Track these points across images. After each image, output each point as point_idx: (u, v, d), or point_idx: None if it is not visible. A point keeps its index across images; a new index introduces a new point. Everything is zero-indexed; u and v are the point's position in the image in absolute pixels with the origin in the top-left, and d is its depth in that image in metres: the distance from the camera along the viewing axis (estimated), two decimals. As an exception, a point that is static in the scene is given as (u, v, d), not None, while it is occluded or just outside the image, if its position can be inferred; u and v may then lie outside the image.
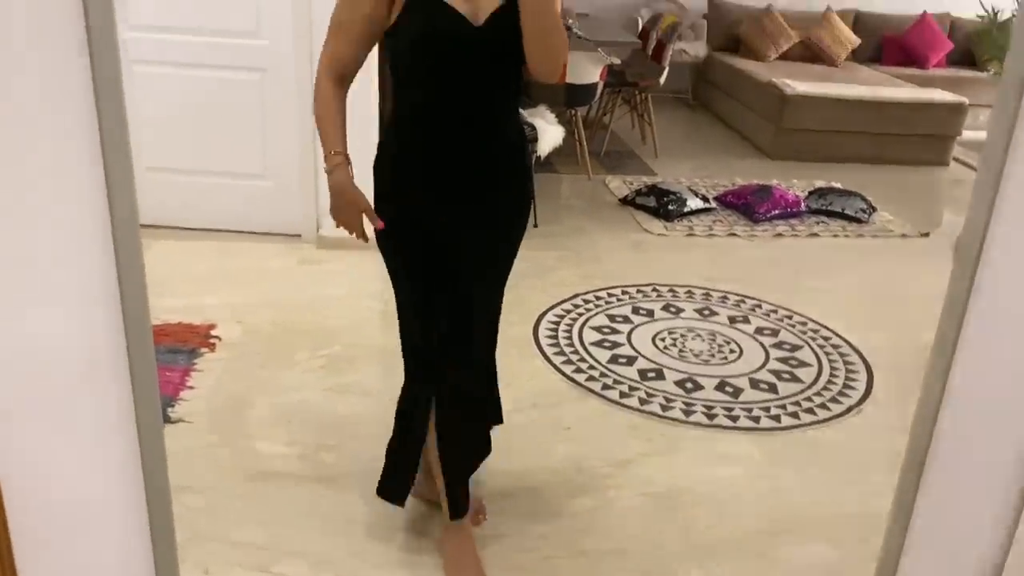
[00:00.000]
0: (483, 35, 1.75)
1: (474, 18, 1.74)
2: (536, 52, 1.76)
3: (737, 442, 2.70)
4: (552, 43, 1.76)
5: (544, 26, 1.72)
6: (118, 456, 1.27)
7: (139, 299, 1.17)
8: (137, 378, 1.22)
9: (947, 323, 1.41)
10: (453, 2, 1.73)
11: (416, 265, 1.94)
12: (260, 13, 3.76)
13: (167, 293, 3.44)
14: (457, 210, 1.90)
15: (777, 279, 4.00)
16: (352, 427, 2.62)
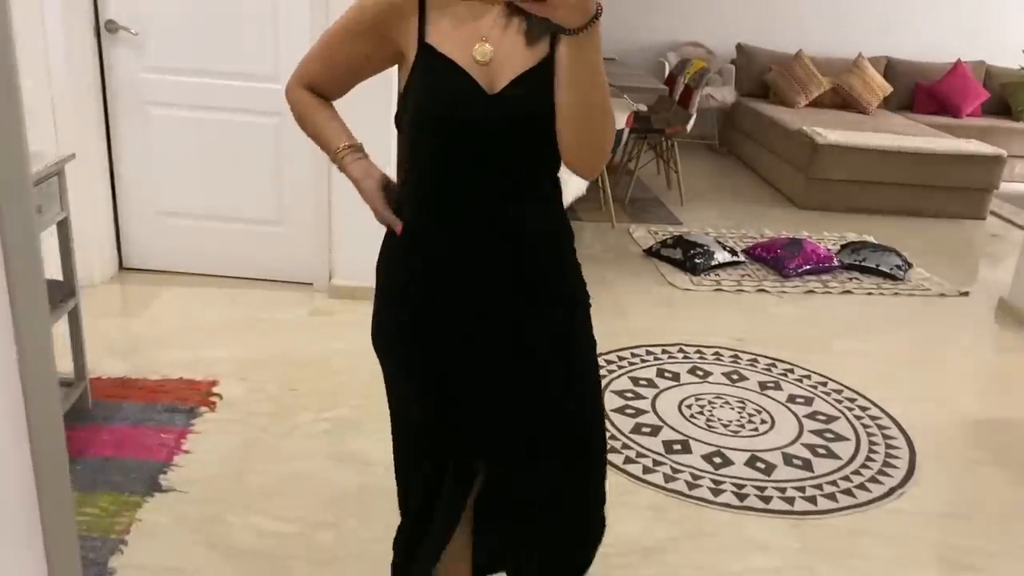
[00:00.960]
0: (499, 107, 1.38)
1: (491, 84, 1.39)
2: (572, 137, 1.35)
3: (770, 527, 2.49)
4: (595, 128, 1.34)
5: (587, 102, 1.31)
6: None
7: (54, 435, 0.94)
8: (52, 537, 0.97)
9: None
10: (464, 62, 1.39)
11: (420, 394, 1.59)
12: (278, 57, 3.66)
13: (173, 345, 3.30)
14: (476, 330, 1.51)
15: (809, 340, 3.80)
16: (352, 503, 2.44)
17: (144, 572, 2.12)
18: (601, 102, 1.33)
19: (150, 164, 3.86)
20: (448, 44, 1.40)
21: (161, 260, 4.00)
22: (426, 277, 1.50)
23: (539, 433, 1.57)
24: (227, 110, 3.76)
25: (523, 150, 1.43)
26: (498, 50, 1.39)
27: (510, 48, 1.40)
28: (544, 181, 1.50)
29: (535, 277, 1.51)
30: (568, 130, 1.35)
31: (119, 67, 3.74)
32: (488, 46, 1.39)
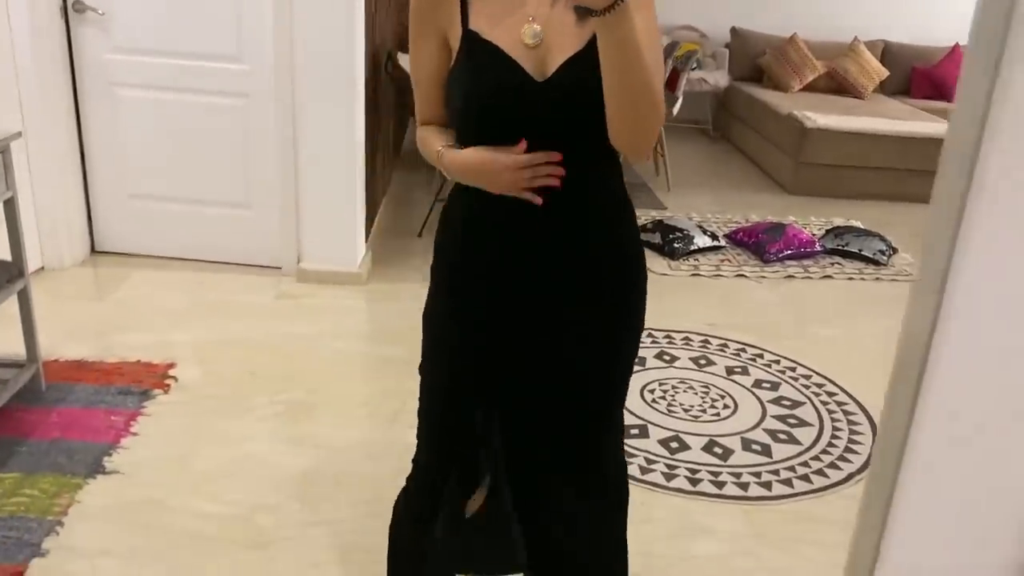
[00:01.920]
0: (549, 92, 1.31)
1: (540, 69, 1.32)
2: (617, 118, 1.28)
3: (721, 512, 2.45)
4: (638, 109, 1.26)
5: (628, 83, 1.24)
6: None
7: None
8: None
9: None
10: (511, 46, 1.32)
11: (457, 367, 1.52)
12: (241, 38, 3.62)
13: (136, 328, 3.28)
14: (529, 315, 1.45)
15: (784, 325, 3.75)
16: (297, 486, 2.41)
17: (76, 554, 2.10)
18: (641, 84, 1.24)
19: (120, 146, 3.83)
20: (493, 28, 1.34)
21: (132, 243, 3.98)
22: (482, 254, 1.46)
23: (558, 393, 1.51)
24: (194, 91, 3.72)
25: (575, 136, 1.36)
26: (547, 30, 1.33)
27: (560, 27, 1.32)
28: (604, 164, 1.43)
29: (583, 261, 1.44)
30: (611, 112, 1.28)
31: (86, 48, 3.71)
32: (537, 26, 1.33)
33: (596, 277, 1.46)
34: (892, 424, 1.26)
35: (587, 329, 1.48)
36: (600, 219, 1.44)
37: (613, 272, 1.48)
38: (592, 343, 1.49)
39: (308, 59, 3.51)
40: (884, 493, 1.28)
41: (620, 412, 1.61)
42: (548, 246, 1.42)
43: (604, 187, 1.44)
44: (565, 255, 1.42)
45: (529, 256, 1.42)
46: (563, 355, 1.48)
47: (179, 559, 2.11)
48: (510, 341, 1.47)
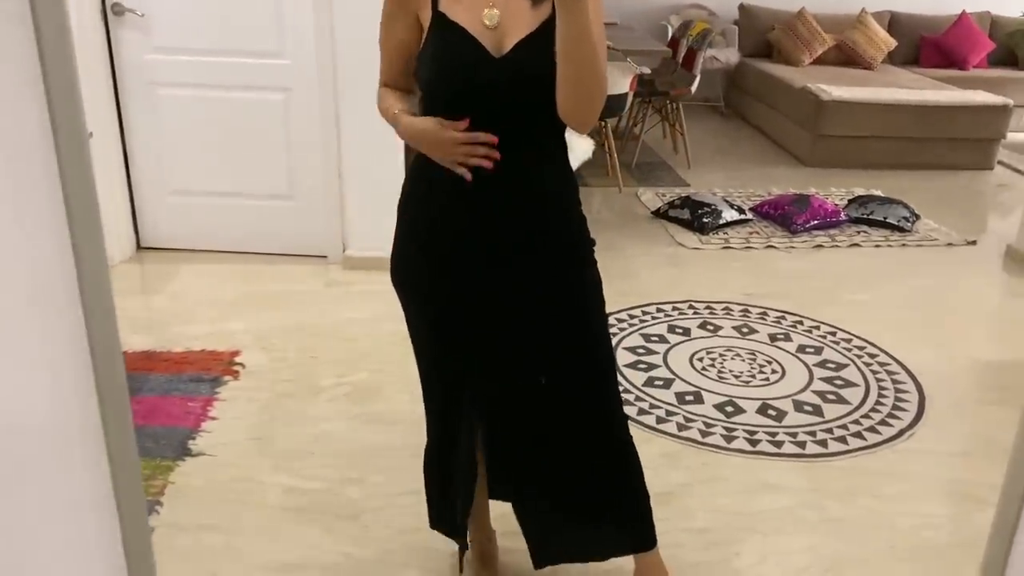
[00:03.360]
0: (505, 68, 1.49)
1: (497, 47, 1.50)
2: (565, 90, 1.45)
3: (782, 470, 2.56)
4: (583, 82, 1.43)
5: (578, 58, 1.40)
6: (97, 547, 1.10)
7: (113, 361, 1.01)
8: (116, 457, 1.05)
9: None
10: (473, 27, 1.50)
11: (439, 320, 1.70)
12: (283, 33, 3.71)
13: (192, 319, 3.39)
14: (487, 273, 1.63)
15: (818, 293, 3.85)
16: (377, 459, 2.52)
17: (180, 529, 2.21)
18: (591, 62, 1.42)
19: (162, 144, 3.92)
20: (459, 11, 1.51)
21: (177, 239, 4.07)
22: (441, 220, 1.62)
23: (547, 356, 1.68)
24: (235, 88, 3.81)
25: (529, 109, 1.53)
26: (505, 14, 1.50)
27: (516, 12, 1.51)
28: (549, 138, 1.61)
29: (537, 223, 1.63)
30: (561, 85, 1.45)
31: (126, 49, 3.80)
32: (495, 11, 1.50)
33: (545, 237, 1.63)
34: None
35: (545, 284, 1.65)
36: (549, 185, 1.63)
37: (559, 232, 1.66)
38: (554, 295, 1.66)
39: (349, 50, 3.59)
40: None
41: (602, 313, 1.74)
42: (502, 210, 1.59)
43: (552, 157, 1.63)
44: (518, 218, 1.60)
45: (485, 221, 1.59)
46: (531, 314, 1.66)
47: (279, 530, 2.22)
48: (481, 301, 1.65)
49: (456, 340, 1.69)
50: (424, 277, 1.68)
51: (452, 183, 1.58)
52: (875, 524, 2.34)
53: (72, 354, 0.99)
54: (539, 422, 1.72)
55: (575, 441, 1.74)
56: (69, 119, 0.93)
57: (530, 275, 1.64)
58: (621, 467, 1.79)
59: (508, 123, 1.53)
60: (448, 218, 1.62)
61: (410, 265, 1.69)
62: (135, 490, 1.09)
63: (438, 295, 1.67)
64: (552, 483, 1.78)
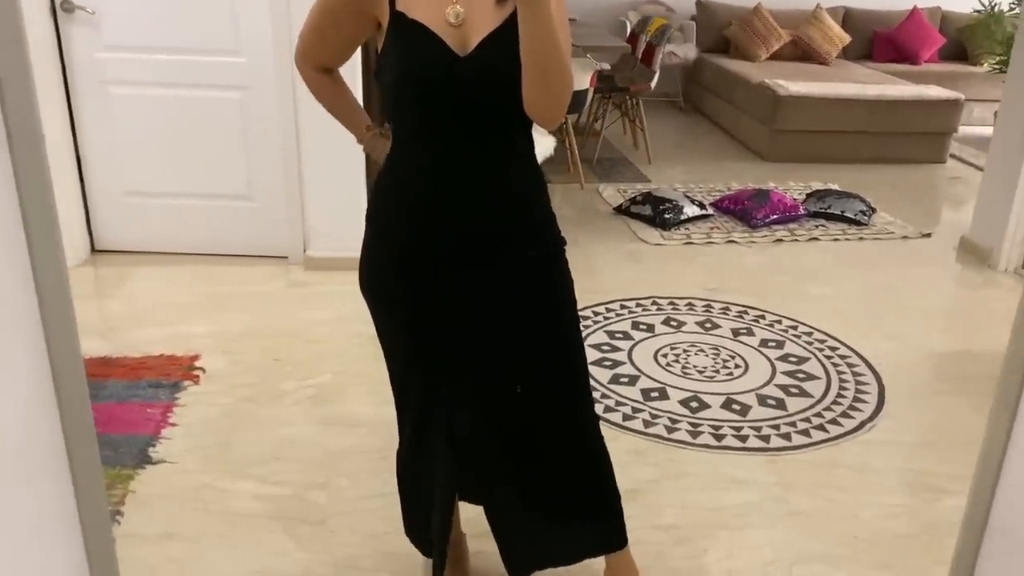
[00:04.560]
0: (470, 67, 1.46)
1: (462, 45, 1.46)
2: (531, 88, 1.42)
3: (748, 464, 2.58)
4: (550, 82, 1.41)
5: (543, 55, 1.38)
6: (61, 560, 1.07)
7: (75, 375, 0.98)
8: (79, 471, 1.03)
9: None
10: (436, 25, 1.46)
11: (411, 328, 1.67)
12: (238, 30, 3.64)
13: (151, 323, 3.32)
14: (458, 274, 1.60)
15: (779, 287, 3.89)
16: (343, 463, 2.49)
17: (141, 539, 2.16)
18: (556, 58, 1.39)
19: (116, 145, 3.83)
20: (418, 9, 1.46)
21: (132, 241, 3.99)
22: (410, 220, 1.59)
23: (521, 357, 1.66)
24: (190, 86, 3.74)
25: (496, 106, 1.50)
26: (468, 11, 1.46)
27: (479, 9, 1.47)
28: (518, 135, 1.58)
29: (509, 221, 1.60)
30: (526, 82, 1.42)
31: (77, 47, 3.70)
32: (459, 7, 1.46)
33: (516, 236, 1.61)
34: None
35: (518, 283, 1.63)
36: (519, 182, 1.60)
37: (530, 231, 1.64)
38: (528, 296, 1.64)
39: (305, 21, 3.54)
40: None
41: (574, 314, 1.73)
42: (472, 209, 1.56)
43: (521, 155, 1.60)
44: (489, 216, 1.58)
45: (455, 221, 1.56)
46: (505, 314, 1.64)
47: (243, 537, 2.18)
48: (451, 305, 1.62)
49: (429, 343, 1.67)
50: (395, 281, 1.64)
51: (422, 184, 1.56)
52: (839, 516, 2.37)
53: (32, 366, 0.96)
54: (512, 424, 1.71)
55: (548, 442, 1.73)
56: (24, 123, 0.90)
57: (502, 274, 1.62)
58: (594, 468, 1.79)
59: (476, 121, 1.51)
60: (417, 220, 1.58)
61: (380, 270, 1.66)
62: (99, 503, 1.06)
63: (410, 298, 1.64)
64: (525, 485, 1.76)
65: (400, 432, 1.83)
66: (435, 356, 1.67)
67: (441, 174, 1.55)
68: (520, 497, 1.76)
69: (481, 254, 1.59)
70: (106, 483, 2.29)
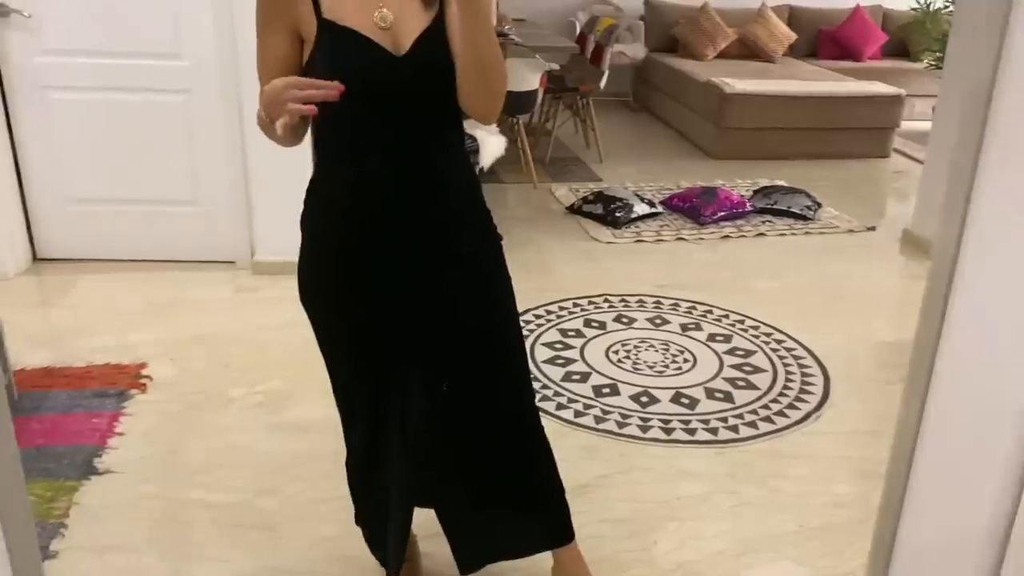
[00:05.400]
0: (407, 66, 1.48)
1: (395, 46, 1.48)
2: (468, 85, 1.48)
3: (697, 457, 2.61)
4: (488, 77, 1.48)
5: (481, 51, 1.44)
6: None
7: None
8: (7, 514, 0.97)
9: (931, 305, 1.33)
10: (366, 29, 1.46)
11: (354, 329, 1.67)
12: (180, 33, 3.59)
13: (96, 331, 3.26)
14: (394, 272, 1.60)
15: (727, 282, 3.95)
16: (293, 468, 2.47)
17: (86, 552, 2.12)
18: (492, 52, 1.45)
19: (56, 151, 3.76)
20: (347, 15, 1.47)
21: (76, 248, 3.91)
22: (345, 219, 1.58)
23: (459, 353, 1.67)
24: (132, 90, 3.68)
25: (431, 104, 1.54)
26: (396, 14, 1.48)
27: (407, 10, 1.49)
28: (451, 131, 1.61)
29: (447, 217, 1.62)
30: (464, 80, 1.48)
31: (13, 52, 3.62)
32: (387, 11, 1.48)
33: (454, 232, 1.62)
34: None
35: (457, 279, 1.64)
36: (456, 176, 1.63)
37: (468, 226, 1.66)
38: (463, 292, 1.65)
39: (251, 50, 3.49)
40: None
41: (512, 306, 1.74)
42: (410, 204, 1.56)
43: (456, 150, 1.64)
44: (427, 210, 1.58)
45: (392, 217, 1.56)
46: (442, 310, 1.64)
47: (191, 546, 2.16)
48: (391, 306, 1.62)
49: (372, 344, 1.66)
50: (333, 284, 1.63)
51: (352, 187, 1.56)
52: (786, 505, 2.41)
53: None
54: (456, 420, 1.71)
55: (489, 437, 1.74)
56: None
57: (438, 270, 1.62)
58: (535, 463, 1.80)
59: (414, 118, 1.53)
60: (353, 219, 1.58)
61: (319, 274, 1.64)
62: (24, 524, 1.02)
63: (349, 301, 1.63)
64: (471, 481, 1.78)
65: (348, 442, 1.82)
66: (379, 356, 1.67)
67: (373, 174, 1.55)
68: (468, 494, 1.77)
69: (416, 251, 1.60)
70: (49, 496, 2.26)
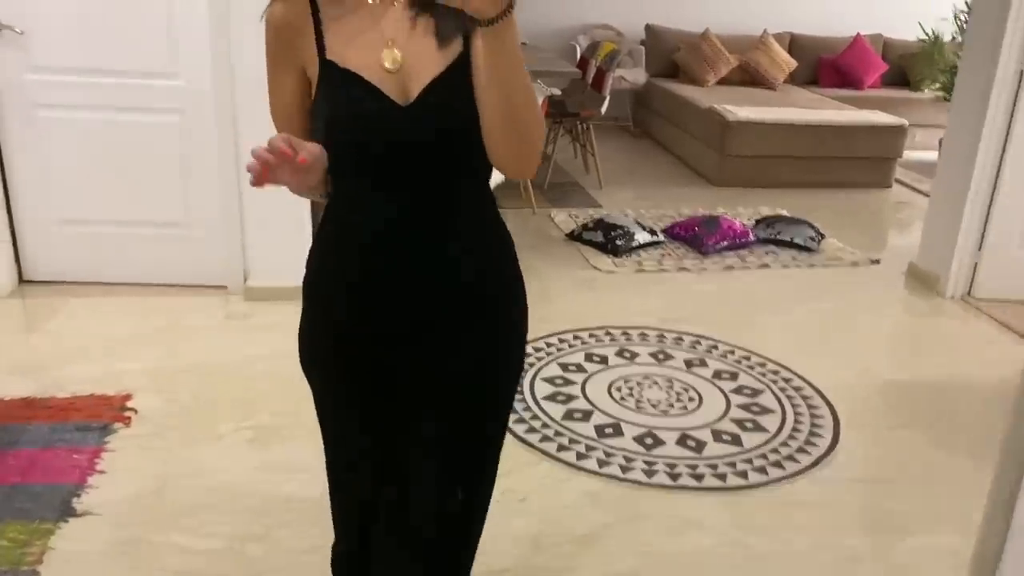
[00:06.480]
0: (414, 117, 1.26)
1: (402, 93, 1.26)
2: (497, 138, 1.24)
3: (704, 505, 2.51)
4: (522, 127, 1.24)
5: (511, 99, 1.20)
6: None
7: None
8: None
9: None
10: (371, 72, 1.26)
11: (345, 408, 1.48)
12: (175, 52, 3.50)
13: (81, 359, 3.14)
14: (398, 353, 1.38)
15: (731, 316, 3.86)
16: (281, 512, 2.36)
17: (60, 604, 2.01)
18: (525, 98, 1.22)
19: (45, 170, 3.65)
20: (351, 56, 1.28)
21: (64, 270, 3.80)
22: (346, 293, 1.39)
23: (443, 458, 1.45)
24: (125, 110, 3.58)
25: (446, 159, 1.31)
26: (407, 55, 1.27)
27: (420, 51, 1.28)
28: (473, 189, 1.38)
29: (463, 292, 1.38)
30: (495, 131, 1.24)
31: (5, 68, 3.53)
32: (397, 52, 1.27)
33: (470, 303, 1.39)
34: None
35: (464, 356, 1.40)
36: (472, 241, 1.37)
37: (488, 299, 1.41)
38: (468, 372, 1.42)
39: (247, 69, 3.41)
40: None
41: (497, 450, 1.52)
42: (420, 272, 1.34)
43: (475, 209, 1.38)
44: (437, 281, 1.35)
45: (401, 290, 1.35)
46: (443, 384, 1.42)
47: (173, 599, 2.04)
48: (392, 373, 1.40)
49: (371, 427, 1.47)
50: (332, 360, 1.44)
51: (357, 252, 1.36)
52: (798, 559, 2.31)
53: None
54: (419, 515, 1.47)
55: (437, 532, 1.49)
56: None
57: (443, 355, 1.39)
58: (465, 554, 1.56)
59: (424, 178, 1.31)
60: (354, 293, 1.38)
61: (316, 348, 1.46)
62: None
63: (348, 379, 1.44)
64: None
65: (336, 524, 1.63)
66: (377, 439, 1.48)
67: (380, 239, 1.34)
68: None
69: (424, 331, 1.37)
70: (23, 540, 2.15)
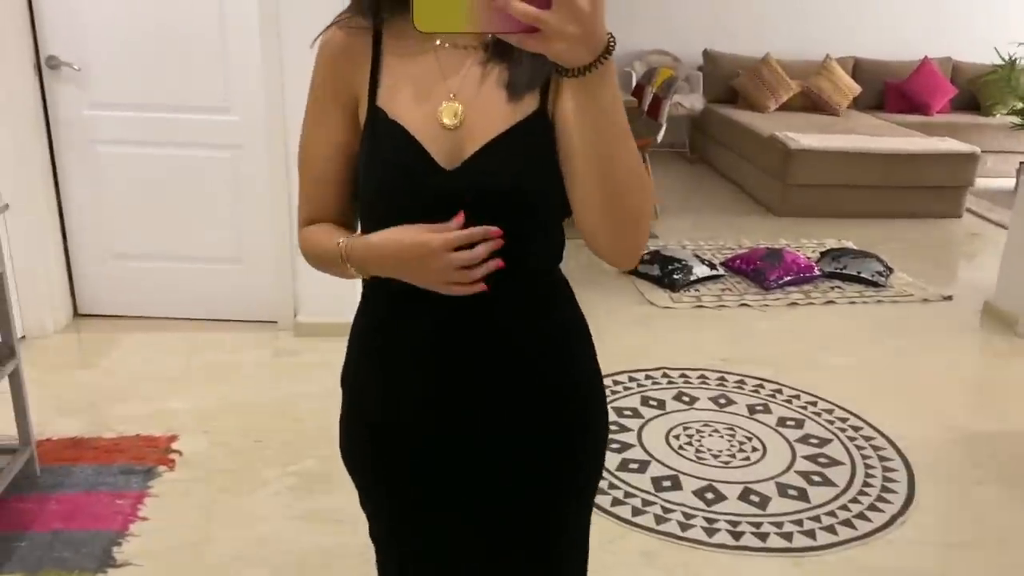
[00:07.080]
0: (457, 183, 1.07)
1: (454, 152, 1.07)
2: (593, 214, 1.02)
3: (769, 568, 2.35)
4: (624, 200, 1.00)
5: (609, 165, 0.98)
6: None
7: None
8: None
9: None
10: (423, 127, 1.08)
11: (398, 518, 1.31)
12: (229, 88, 3.49)
13: (131, 397, 3.12)
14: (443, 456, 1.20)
15: (795, 356, 3.68)
16: (323, 567, 2.27)
17: (95, 664, 1.94)
18: (628, 171, 0.98)
19: (101, 205, 3.68)
20: (403, 104, 1.11)
21: (117, 305, 3.81)
22: (384, 387, 1.21)
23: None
24: (179, 145, 3.58)
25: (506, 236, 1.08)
26: (470, 109, 1.09)
27: (486, 104, 1.09)
28: (536, 271, 1.17)
29: (519, 387, 1.17)
30: (587, 208, 1.02)
31: (63, 105, 3.56)
32: (458, 104, 1.09)
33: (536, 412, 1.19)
34: None
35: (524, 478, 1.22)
36: (538, 336, 1.18)
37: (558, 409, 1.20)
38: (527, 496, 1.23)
39: (300, 105, 3.38)
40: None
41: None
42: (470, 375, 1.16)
43: (542, 300, 1.19)
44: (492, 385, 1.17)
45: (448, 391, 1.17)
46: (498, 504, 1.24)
47: (209, 662, 1.96)
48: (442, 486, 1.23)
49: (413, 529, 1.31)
50: (371, 460, 1.29)
51: (395, 339, 1.19)
52: (873, 632, 2.14)
53: None
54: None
55: None
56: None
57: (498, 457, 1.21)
58: None
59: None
60: (392, 388, 1.20)
61: (354, 443, 1.31)
62: None
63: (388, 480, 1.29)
64: None
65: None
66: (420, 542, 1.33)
67: (421, 325, 1.15)
68: None
69: (473, 430, 1.19)
70: (61, 593, 2.08)
